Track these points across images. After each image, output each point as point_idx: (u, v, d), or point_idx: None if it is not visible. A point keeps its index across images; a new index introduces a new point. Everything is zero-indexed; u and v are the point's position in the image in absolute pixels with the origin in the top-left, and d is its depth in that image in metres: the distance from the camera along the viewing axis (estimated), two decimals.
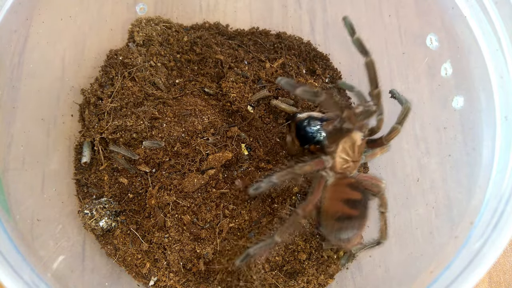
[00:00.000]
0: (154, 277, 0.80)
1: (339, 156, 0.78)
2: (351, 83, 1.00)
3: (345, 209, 0.74)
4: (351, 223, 0.74)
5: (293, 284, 0.81)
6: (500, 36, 0.70)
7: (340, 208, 0.74)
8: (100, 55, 0.90)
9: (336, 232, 0.75)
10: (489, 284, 0.95)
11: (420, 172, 0.89)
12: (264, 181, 0.72)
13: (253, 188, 0.72)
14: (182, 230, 0.80)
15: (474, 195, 0.70)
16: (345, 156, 0.78)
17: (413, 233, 0.85)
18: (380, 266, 0.85)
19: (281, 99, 0.89)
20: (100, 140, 0.84)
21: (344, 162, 0.78)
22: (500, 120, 0.69)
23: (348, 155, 0.78)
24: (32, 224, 0.75)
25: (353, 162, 0.79)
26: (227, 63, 0.91)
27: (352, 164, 0.79)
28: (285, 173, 0.72)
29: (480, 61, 0.72)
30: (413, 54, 0.92)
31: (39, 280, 0.61)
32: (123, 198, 0.83)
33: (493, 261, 0.59)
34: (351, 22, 0.75)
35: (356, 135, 0.78)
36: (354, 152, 0.78)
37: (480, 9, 0.72)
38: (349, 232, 0.75)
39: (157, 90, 0.86)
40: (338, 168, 0.78)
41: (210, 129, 0.85)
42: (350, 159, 0.78)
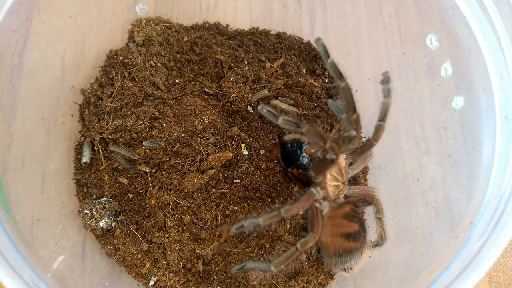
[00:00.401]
0: (154, 277, 0.80)
1: (330, 185, 0.76)
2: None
3: (345, 244, 0.74)
4: (353, 255, 0.74)
5: (293, 284, 0.81)
6: (500, 36, 0.70)
7: (340, 244, 0.74)
8: (100, 55, 0.90)
9: (339, 265, 0.75)
10: (489, 284, 0.95)
11: (420, 172, 0.89)
12: (247, 222, 0.70)
13: (236, 227, 0.71)
14: (182, 230, 0.80)
15: (474, 195, 0.70)
16: (335, 182, 0.77)
17: (413, 233, 0.85)
18: (380, 266, 0.85)
19: (281, 99, 0.89)
20: (100, 140, 0.84)
21: (336, 188, 0.77)
22: (500, 120, 0.69)
23: (338, 180, 0.77)
24: (32, 224, 0.75)
25: (343, 183, 0.78)
26: (227, 63, 0.91)
27: (342, 186, 0.78)
28: (271, 216, 0.70)
29: (480, 61, 0.72)
30: (413, 54, 0.92)
31: (39, 280, 0.61)
32: (123, 198, 0.83)
33: (493, 261, 0.59)
34: (324, 45, 0.72)
35: (340, 159, 0.77)
36: (342, 175, 0.77)
37: (480, 9, 0.72)
38: (352, 262, 0.75)
39: (157, 90, 0.86)
40: (332, 196, 0.78)
41: (210, 129, 0.85)
42: (340, 183, 0.78)
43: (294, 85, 0.92)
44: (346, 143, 0.73)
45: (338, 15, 1.01)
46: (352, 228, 0.75)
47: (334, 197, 0.78)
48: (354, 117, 0.73)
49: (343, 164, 0.77)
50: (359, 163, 0.85)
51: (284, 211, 0.70)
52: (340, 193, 0.79)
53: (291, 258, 0.72)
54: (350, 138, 0.73)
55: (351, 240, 0.74)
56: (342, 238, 0.74)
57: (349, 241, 0.74)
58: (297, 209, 0.71)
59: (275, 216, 0.70)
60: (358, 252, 0.75)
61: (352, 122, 0.73)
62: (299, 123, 0.67)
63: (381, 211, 0.79)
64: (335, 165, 0.76)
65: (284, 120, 0.67)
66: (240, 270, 0.76)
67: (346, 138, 0.73)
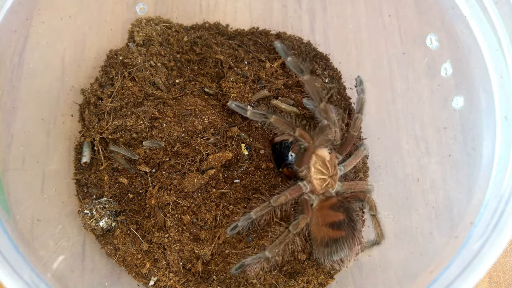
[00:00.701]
0: (154, 277, 0.80)
1: (315, 178, 0.79)
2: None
3: (330, 232, 0.75)
4: (340, 244, 0.75)
5: (293, 284, 0.81)
6: (500, 36, 0.70)
7: (326, 233, 0.75)
8: (100, 55, 0.90)
9: (328, 256, 0.76)
10: (489, 284, 0.95)
11: (420, 172, 0.89)
12: (241, 220, 0.74)
13: (230, 228, 0.76)
14: (182, 230, 0.80)
15: (474, 195, 0.70)
16: (321, 175, 0.79)
17: (413, 233, 0.85)
18: (380, 266, 0.85)
19: (281, 99, 0.89)
20: (100, 140, 0.84)
21: (322, 181, 0.79)
22: (500, 120, 0.69)
23: (323, 174, 0.79)
24: (32, 224, 0.75)
25: (331, 177, 0.80)
26: (227, 63, 0.91)
27: (330, 180, 0.80)
28: (262, 208, 0.74)
29: (480, 61, 0.72)
30: (413, 54, 0.92)
31: (39, 280, 0.61)
32: (123, 198, 0.83)
33: (493, 261, 0.59)
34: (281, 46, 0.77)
35: (323, 152, 0.79)
36: (328, 169, 0.79)
37: (480, 9, 0.72)
38: (340, 253, 0.75)
39: (157, 90, 0.86)
40: (319, 189, 0.79)
41: (210, 129, 0.85)
42: (327, 177, 0.79)
43: (294, 85, 0.92)
44: (321, 133, 0.77)
45: (338, 15, 1.02)
46: (337, 217, 0.76)
47: (322, 190, 0.80)
48: (321, 107, 0.77)
49: (327, 157, 0.79)
50: (350, 160, 0.86)
51: (273, 200, 0.74)
52: (328, 186, 0.80)
53: (285, 242, 0.73)
54: (323, 127, 0.77)
55: (335, 229, 0.75)
56: (327, 227, 0.75)
57: (334, 230, 0.75)
58: (286, 197, 0.75)
59: (266, 206, 0.74)
60: (345, 242, 0.75)
61: (321, 111, 0.77)
62: (266, 114, 0.72)
63: (374, 208, 0.80)
64: (318, 158, 0.78)
65: (252, 112, 0.72)
66: (239, 269, 0.76)
67: (320, 129, 0.77)
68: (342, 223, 0.75)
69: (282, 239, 0.73)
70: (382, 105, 0.97)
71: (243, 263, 0.75)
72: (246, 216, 0.74)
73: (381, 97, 0.97)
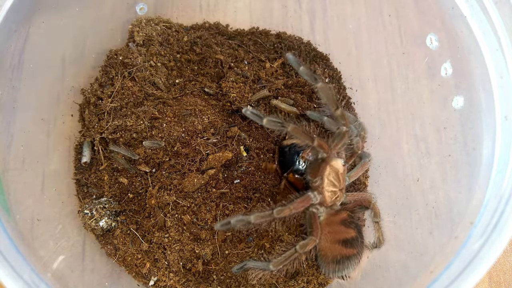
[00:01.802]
0: (154, 277, 0.80)
1: (327, 190, 0.76)
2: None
3: (343, 251, 0.74)
4: (351, 262, 0.74)
5: (293, 284, 0.81)
6: (500, 36, 0.70)
7: (338, 251, 0.74)
8: (100, 55, 0.90)
9: (336, 272, 0.75)
10: (489, 284, 0.95)
11: (420, 172, 0.89)
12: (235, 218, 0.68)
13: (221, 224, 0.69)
14: (182, 230, 0.80)
15: (474, 195, 0.70)
16: (333, 188, 0.77)
17: (413, 233, 0.85)
18: (380, 266, 0.85)
19: (281, 99, 0.89)
20: (100, 140, 0.84)
21: (333, 194, 0.77)
22: (500, 120, 0.69)
23: (335, 186, 0.77)
24: (32, 224, 0.75)
25: (340, 190, 0.78)
26: (227, 63, 0.91)
27: (339, 193, 0.78)
28: (263, 215, 0.69)
29: (480, 61, 0.72)
30: (413, 54, 0.92)
31: (39, 280, 0.61)
32: (123, 198, 0.83)
33: (493, 261, 0.59)
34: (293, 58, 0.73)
35: (337, 164, 0.76)
36: (340, 181, 0.77)
37: (480, 9, 0.72)
38: (349, 269, 0.75)
39: (157, 90, 0.86)
40: (329, 202, 0.77)
41: (210, 129, 0.85)
42: (337, 189, 0.77)
43: (294, 85, 0.92)
44: (339, 141, 0.73)
45: (338, 15, 1.02)
46: (350, 234, 0.75)
47: (331, 203, 0.78)
48: (338, 113, 0.73)
49: (341, 170, 0.77)
50: (356, 171, 0.85)
51: (276, 212, 0.69)
52: (337, 199, 0.79)
53: (290, 259, 0.72)
54: (341, 134, 0.73)
55: (348, 247, 0.74)
56: (340, 244, 0.74)
57: (347, 248, 0.74)
58: (290, 211, 0.70)
59: (267, 215, 0.70)
60: (355, 259, 0.75)
61: (339, 117, 0.74)
62: (283, 123, 0.67)
63: (378, 215, 0.79)
64: (332, 170, 0.76)
65: (268, 120, 0.67)
66: (240, 269, 0.76)
67: (338, 135, 0.73)
68: (355, 240, 0.74)
69: (287, 256, 0.71)
70: (382, 105, 0.97)
71: (245, 264, 0.74)
72: (244, 217, 0.69)
73: (381, 97, 0.97)
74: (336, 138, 0.73)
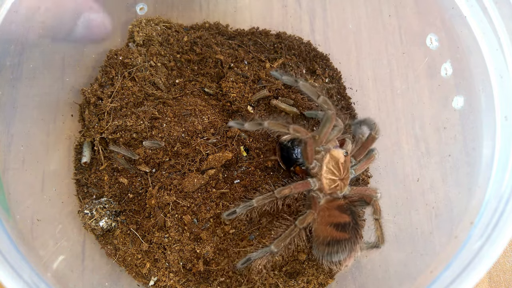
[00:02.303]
0: (154, 277, 0.80)
1: (325, 177, 0.79)
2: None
3: (334, 233, 0.74)
4: (341, 246, 0.75)
5: (293, 284, 0.81)
6: (500, 36, 0.70)
7: (329, 232, 0.75)
8: (100, 55, 0.90)
9: (327, 256, 0.76)
10: (489, 284, 0.95)
11: (420, 172, 0.89)
12: (240, 206, 0.74)
13: (228, 213, 0.76)
14: (182, 230, 0.80)
15: (474, 195, 0.70)
16: (331, 176, 0.79)
17: (413, 233, 0.85)
18: (380, 266, 0.85)
19: (281, 99, 0.89)
20: (100, 140, 0.84)
21: (331, 182, 0.79)
22: (500, 120, 0.69)
23: (335, 175, 0.79)
24: (32, 224, 0.75)
25: (341, 180, 0.79)
26: (227, 63, 0.91)
27: (340, 182, 0.80)
28: (264, 197, 0.74)
29: (480, 61, 0.72)
30: (413, 54, 0.92)
31: (39, 280, 0.61)
32: (123, 198, 0.83)
33: (493, 261, 0.59)
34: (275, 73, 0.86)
35: (338, 153, 0.79)
36: (340, 170, 0.79)
37: (480, 9, 0.72)
38: (339, 255, 0.75)
39: (157, 90, 0.86)
40: (327, 189, 0.79)
41: (210, 129, 0.85)
42: (337, 178, 0.79)
43: None
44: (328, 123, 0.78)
45: (338, 15, 1.02)
46: (343, 218, 0.76)
47: (330, 191, 0.79)
48: (321, 100, 0.79)
49: (341, 159, 0.79)
50: (362, 164, 0.85)
51: (277, 192, 0.74)
52: (337, 188, 0.80)
53: (291, 236, 0.73)
54: (328, 116, 0.78)
55: (340, 230, 0.75)
56: (332, 227, 0.75)
57: (338, 231, 0.75)
58: (290, 190, 0.75)
59: (269, 196, 0.75)
60: (347, 244, 0.75)
61: (323, 104, 0.79)
62: (260, 122, 0.74)
63: (379, 212, 0.79)
64: (332, 159, 0.79)
65: (249, 124, 0.75)
66: (244, 263, 0.76)
67: (326, 120, 0.78)
68: (347, 225, 0.75)
69: (288, 234, 0.73)
70: (382, 105, 0.97)
71: (249, 258, 0.75)
72: (247, 203, 0.74)
73: (381, 97, 0.97)
74: (324, 122, 0.78)
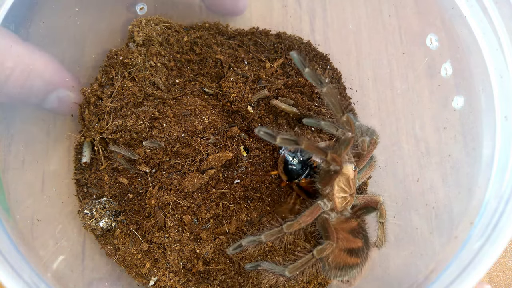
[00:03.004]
0: (154, 277, 0.80)
1: (337, 197, 0.76)
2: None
3: (347, 259, 0.74)
4: (353, 270, 0.74)
5: (293, 284, 0.81)
6: (500, 36, 0.70)
7: (343, 259, 0.74)
8: (100, 55, 0.90)
9: (338, 277, 0.75)
10: (489, 284, 0.95)
11: (420, 172, 0.89)
12: (245, 240, 0.71)
13: (234, 248, 0.73)
14: (182, 230, 0.80)
15: (474, 195, 0.70)
16: (343, 194, 0.77)
17: (413, 233, 0.85)
18: (380, 266, 0.85)
19: (281, 99, 0.89)
20: (100, 140, 0.84)
21: (343, 200, 0.77)
22: (500, 120, 0.69)
23: (345, 192, 0.77)
24: (32, 224, 0.75)
25: (351, 195, 0.78)
26: (227, 63, 0.91)
27: (350, 198, 0.78)
28: (273, 232, 0.71)
29: (480, 61, 0.72)
30: (413, 54, 0.92)
31: (39, 280, 0.61)
32: (123, 198, 0.83)
33: (493, 261, 0.59)
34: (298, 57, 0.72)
35: (348, 170, 0.76)
36: (350, 187, 0.77)
37: (480, 9, 0.72)
38: (351, 275, 0.75)
39: (157, 90, 0.86)
40: (339, 208, 0.77)
41: (210, 129, 0.85)
42: (348, 195, 0.77)
43: (294, 85, 0.92)
44: (346, 146, 0.72)
45: (338, 15, 1.02)
46: (356, 244, 0.75)
47: (341, 208, 0.78)
48: (344, 119, 0.72)
49: (352, 175, 0.76)
50: (365, 171, 0.85)
51: (286, 227, 0.70)
52: (348, 204, 0.79)
53: (307, 265, 0.71)
54: (347, 140, 0.72)
55: (353, 256, 0.74)
56: (345, 253, 0.74)
57: (352, 257, 0.74)
58: (299, 225, 0.71)
59: (277, 232, 0.71)
60: (358, 268, 0.75)
61: (344, 124, 0.73)
62: (297, 140, 0.66)
63: (384, 216, 0.79)
64: (343, 176, 0.76)
65: (282, 139, 0.65)
66: (254, 267, 0.75)
67: (344, 142, 0.72)
68: (360, 251, 0.74)
69: (304, 262, 0.71)
70: (382, 105, 0.97)
71: (260, 264, 0.74)
72: (255, 238, 0.71)
73: (381, 97, 0.97)
74: (342, 144, 0.72)
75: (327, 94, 0.70)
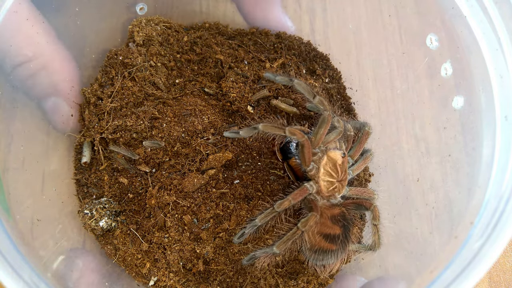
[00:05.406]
0: (154, 277, 0.80)
1: (323, 180, 0.78)
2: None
3: (322, 243, 0.75)
4: (327, 256, 0.75)
5: (293, 284, 0.81)
6: (500, 36, 0.70)
7: (317, 241, 0.75)
8: (100, 55, 0.90)
9: (312, 260, 0.76)
10: (489, 284, 0.95)
11: (420, 172, 0.89)
12: (247, 227, 0.75)
13: (238, 236, 0.78)
14: (182, 230, 0.80)
15: (474, 195, 0.70)
16: (329, 178, 0.78)
17: (413, 233, 0.85)
18: (380, 266, 0.85)
19: (281, 99, 0.89)
20: (100, 140, 0.84)
21: (329, 184, 0.79)
22: (500, 120, 0.70)
23: (332, 177, 0.79)
24: (32, 224, 0.75)
25: (339, 181, 0.79)
26: (227, 63, 0.91)
27: (338, 184, 0.79)
28: (266, 214, 0.75)
29: (480, 61, 0.72)
30: (413, 54, 0.92)
31: (39, 280, 0.61)
32: (123, 198, 0.83)
33: (493, 261, 0.59)
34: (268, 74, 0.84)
35: (335, 155, 0.79)
36: (338, 172, 0.79)
37: (480, 9, 0.72)
38: (325, 261, 0.76)
39: (157, 90, 0.86)
40: (325, 192, 0.79)
41: (210, 129, 0.85)
42: (335, 180, 0.79)
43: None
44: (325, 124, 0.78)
45: (338, 15, 1.02)
46: (334, 230, 0.76)
47: (328, 193, 0.79)
48: (317, 100, 0.79)
49: (339, 161, 0.78)
50: (359, 165, 0.85)
51: (277, 206, 0.74)
52: (335, 190, 0.79)
53: (293, 239, 0.73)
54: (325, 118, 0.77)
55: (328, 241, 0.75)
56: (321, 237, 0.75)
57: (327, 242, 0.75)
58: (289, 202, 0.75)
59: (270, 212, 0.75)
60: (334, 255, 0.75)
61: (318, 104, 0.79)
62: (255, 126, 0.75)
63: (377, 218, 0.79)
64: (330, 161, 0.78)
65: (243, 132, 0.76)
66: (250, 260, 0.77)
67: (322, 121, 0.77)
68: (336, 238, 0.75)
69: (290, 236, 0.73)
70: (382, 105, 0.97)
71: (254, 255, 0.76)
72: (252, 223, 0.75)
73: (381, 97, 0.97)
74: (320, 123, 0.78)
75: (298, 85, 0.79)
